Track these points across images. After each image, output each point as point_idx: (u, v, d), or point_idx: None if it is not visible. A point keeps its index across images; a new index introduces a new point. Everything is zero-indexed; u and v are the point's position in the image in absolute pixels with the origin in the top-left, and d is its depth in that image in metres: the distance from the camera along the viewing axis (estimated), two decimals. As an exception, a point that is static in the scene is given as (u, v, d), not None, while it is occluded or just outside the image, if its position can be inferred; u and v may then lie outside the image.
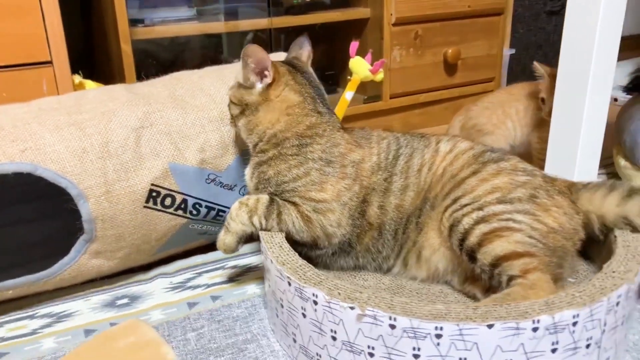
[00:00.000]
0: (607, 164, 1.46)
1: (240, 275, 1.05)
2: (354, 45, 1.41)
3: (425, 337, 0.67)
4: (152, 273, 1.06)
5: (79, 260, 0.95)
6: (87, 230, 0.93)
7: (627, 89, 1.44)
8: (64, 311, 0.95)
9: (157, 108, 1.02)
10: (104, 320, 0.93)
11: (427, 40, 1.94)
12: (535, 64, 1.42)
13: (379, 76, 1.44)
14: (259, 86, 0.95)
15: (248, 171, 0.99)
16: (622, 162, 1.33)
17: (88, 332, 0.90)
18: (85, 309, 0.96)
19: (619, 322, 0.73)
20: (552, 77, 1.30)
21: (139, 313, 0.94)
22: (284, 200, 0.92)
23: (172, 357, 0.79)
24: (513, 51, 2.36)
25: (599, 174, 1.33)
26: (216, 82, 1.10)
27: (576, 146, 1.21)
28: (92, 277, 1.01)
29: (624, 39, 1.16)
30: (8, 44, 1.15)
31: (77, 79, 1.24)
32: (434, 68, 1.99)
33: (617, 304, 0.71)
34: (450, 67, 2.02)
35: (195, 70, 1.16)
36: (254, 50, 0.92)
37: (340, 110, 1.43)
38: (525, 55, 2.42)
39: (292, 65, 1.00)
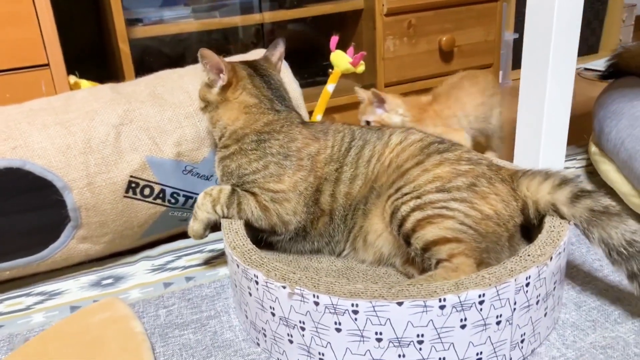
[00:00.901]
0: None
1: (215, 259, 1.15)
2: (334, 39, 1.48)
3: (344, 313, 0.75)
4: (138, 256, 1.18)
5: (68, 244, 1.07)
6: (73, 218, 1.05)
7: (603, 77, 1.47)
8: (55, 290, 1.07)
9: (136, 106, 1.12)
10: (88, 297, 1.04)
11: (421, 28, 1.98)
12: (356, 89, 1.47)
13: (360, 68, 1.51)
14: (217, 87, 1.04)
15: (215, 163, 1.09)
16: (592, 148, 1.37)
17: (73, 308, 1.02)
18: (74, 288, 1.08)
19: (532, 302, 0.80)
20: (370, 102, 1.39)
21: (119, 292, 1.05)
22: (245, 190, 1.01)
23: (140, 330, 0.90)
24: (517, 35, 2.38)
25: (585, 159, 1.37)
26: (194, 80, 1.20)
27: (539, 134, 1.26)
28: (82, 260, 1.13)
29: None
30: (8, 49, 1.27)
31: (73, 79, 1.36)
32: (429, 56, 2.03)
33: (527, 284, 0.78)
34: (445, 55, 2.06)
35: (177, 69, 1.26)
36: (208, 54, 1.01)
37: (323, 102, 1.51)
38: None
39: (254, 67, 1.09)
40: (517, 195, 0.95)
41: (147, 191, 1.11)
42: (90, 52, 1.94)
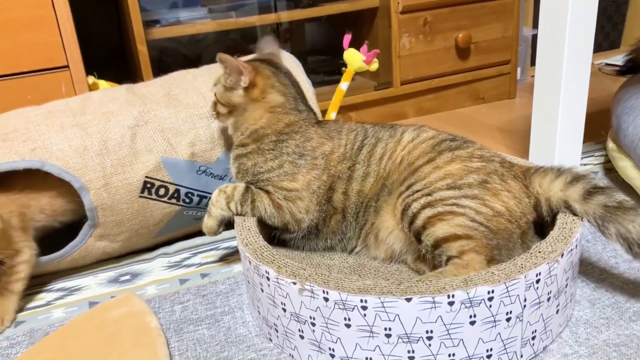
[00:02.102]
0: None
1: (230, 256, 1.17)
2: (347, 37, 1.49)
3: (353, 308, 0.76)
4: (155, 253, 1.20)
5: (86, 242, 1.10)
6: (91, 217, 1.07)
7: (621, 72, 1.45)
8: (75, 286, 1.10)
9: (151, 107, 1.14)
10: (106, 294, 1.07)
11: (437, 26, 1.98)
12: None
13: (373, 66, 1.51)
14: (241, 89, 1.04)
15: (230, 160, 1.10)
16: (610, 144, 1.35)
17: (92, 303, 1.04)
18: (93, 284, 1.11)
19: (543, 299, 0.80)
20: None
21: (136, 288, 1.07)
22: (259, 188, 1.03)
23: (155, 325, 0.92)
24: (535, 31, 2.35)
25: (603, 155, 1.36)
26: (208, 81, 1.21)
27: (555, 131, 1.25)
28: (100, 258, 1.15)
29: None
30: (29, 52, 1.31)
31: (91, 79, 1.39)
32: (445, 53, 2.03)
33: (537, 281, 0.78)
34: (462, 52, 2.05)
35: (191, 70, 1.28)
36: (227, 58, 1.01)
37: (337, 100, 1.52)
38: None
39: (273, 65, 1.10)
40: (529, 192, 0.95)
41: (162, 191, 1.13)
42: (110, 53, 1.98)
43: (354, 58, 1.49)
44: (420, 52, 1.98)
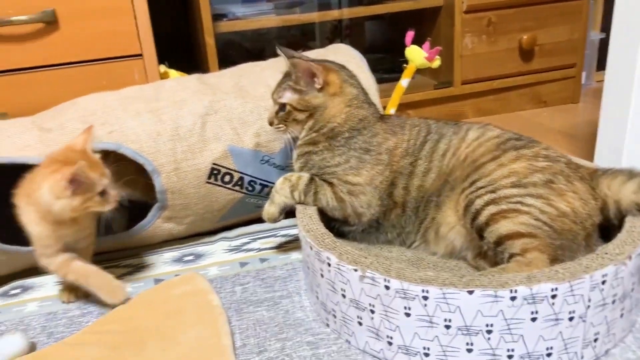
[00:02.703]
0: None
1: (288, 243, 1.20)
2: (410, 34, 1.49)
3: (414, 298, 0.77)
4: (216, 236, 1.25)
5: (154, 223, 1.15)
6: (160, 200, 1.12)
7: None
8: (141, 263, 1.16)
9: (221, 97, 1.18)
10: (171, 272, 1.12)
11: (501, 26, 1.95)
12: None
13: (436, 63, 1.51)
14: (317, 88, 1.05)
15: (294, 155, 1.12)
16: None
17: (157, 280, 1.09)
18: (158, 262, 1.16)
19: (608, 301, 0.79)
20: None
21: (199, 268, 1.12)
22: (323, 180, 1.05)
23: (217, 304, 0.96)
24: (603, 35, 2.28)
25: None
26: (275, 74, 1.24)
27: (623, 136, 1.22)
28: (165, 238, 1.21)
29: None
30: (106, 40, 1.38)
31: (163, 68, 1.45)
32: (508, 54, 2.00)
33: (603, 282, 0.77)
34: (526, 53, 2.02)
35: (259, 62, 1.32)
36: (299, 63, 1.03)
37: (397, 96, 1.53)
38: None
39: (333, 62, 1.11)
40: (596, 194, 0.93)
41: (227, 178, 1.17)
42: (178, 44, 2.05)
43: (416, 55, 1.49)
44: (483, 53, 1.96)
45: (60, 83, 1.39)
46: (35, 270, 1.10)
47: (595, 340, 0.80)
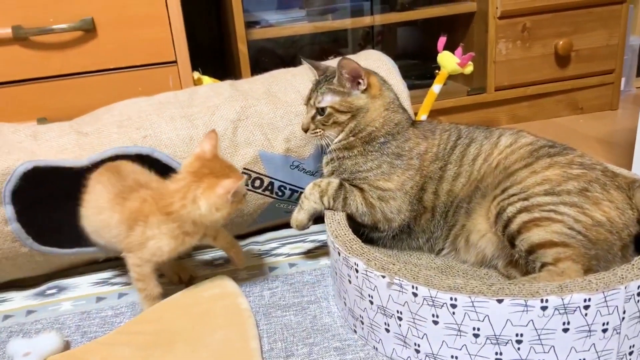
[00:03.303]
0: None
1: (317, 249, 1.20)
2: (442, 40, 1.48)
3: (442, 306, 0.76)
4: (246, 241, 1.26)
5: (186, 226, 1.17)
6: (191, 203, 1.14)
7: None
8: (173, 267, 1.17)
9: (252, 103, 1.20)
10: (201, 275, 1.13)
11: (536, 32, 1.92)
12: None
13: (468, 69, 1.50)
14: (361, 89, 1.06)
15: (325, 160, 1.12)
16: None
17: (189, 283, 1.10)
18: (189, 266, 1.17)
19: (644, 313, 0.76)
20: None
21: (229, 272, 1.13)
22: (353, 185, 1.05)
23: (245, 307, 0.97)
24: (643, 40, 2.23)
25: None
26: (306, 81, 1.25)
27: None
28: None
29: None
30: (142, 47, 1.42)
31: (196, 75, 1.47)
32: (543, 60, 1.97)
33: (639, 294, 0.75)
34: (561, 59, 1.98)
35: (290, 69, 1.33)
36: (349, 64, 1.04)
37: (428, 102, 1.52)
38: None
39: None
40: (633, 205, 0.91)
41: (257, 183, 1.18)
42: (212, 51, 2.09)
43: (448, 61, 1.48)
44: (517, 59, 1.93)
45: (98, 89, 1.43)
46: (70, 271, 1.14)
47: (631, 353, 0.77)
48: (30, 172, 1.06)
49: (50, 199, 1.08)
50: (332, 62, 1.22)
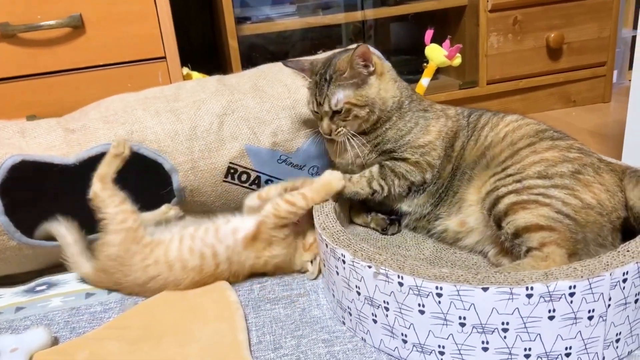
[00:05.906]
0: None
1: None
2: (429, 33, 1.48)
3: (427, 295, 0.76)
4: (236, 237, 1.25)
5: (174, 221, 1.16)
6: (178, 197, 1.14)
7: None
8: (162, 262, 1.17)
9: (238, 97, 1.19)
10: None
11: (527, 25, 1.92)
12: None
13: (456, 61, 1.49)
14: (370, 71, 1.06)
15: (349, 155, 1.10)
16: None
17: (177, 279, 1.10)
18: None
19: (630, 300, 0.76)
20: None
21: (218, 267, 1.12)
22: (394, 159, 1.08)
23: (234, 299, 0.97)
24: (636, 32, 2.22)
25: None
26: (293, 74, 1.25)
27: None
28: (186, 237, 1.21)
29: None
30: (132, 43, 1.41)
31: (185, 70, 1.47)
32: (535, 53, 1.96)
33: (624, 280, 0.74)
34: (553, 52, 1.98)
35: (278, 63, 1.32)
36: (365, 51, 1.03)
37: (419, 96, 1.51)
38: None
39: None
40: (622, 187, 0.91)
41: (244, 177, 1.18)
42: (202, 47, 2.08)
43: (436, 53, 1.48)
44: (509, 52, 1.93)
45: (87, 85, 1.42)
46: (60, 267, 1.13)
47: (617, 340, 0.77)
48: (19, 165, 1.05)
49: (38, 193, 1.08)
50: (317, 57, 1.22)
